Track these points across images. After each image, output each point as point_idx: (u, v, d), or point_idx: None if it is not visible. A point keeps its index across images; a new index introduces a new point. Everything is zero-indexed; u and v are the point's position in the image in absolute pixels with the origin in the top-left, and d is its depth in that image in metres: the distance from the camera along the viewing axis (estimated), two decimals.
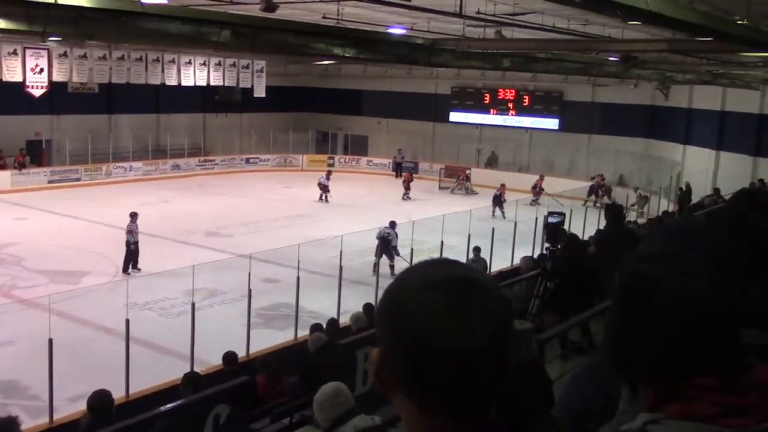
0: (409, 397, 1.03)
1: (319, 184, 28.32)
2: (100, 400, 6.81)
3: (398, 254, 16.97)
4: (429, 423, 1.03)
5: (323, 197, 28.10)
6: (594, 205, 26.45)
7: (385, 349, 1.05)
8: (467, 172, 32.55)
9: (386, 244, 17.21)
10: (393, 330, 1.03)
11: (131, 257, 16.98)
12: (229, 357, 9.35)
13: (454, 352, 0.98)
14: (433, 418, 1.02)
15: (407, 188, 29.84)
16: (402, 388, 1.04)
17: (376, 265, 16.89)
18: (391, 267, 16.71)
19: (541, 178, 30.05)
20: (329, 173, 29.39)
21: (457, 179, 32.45)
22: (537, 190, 29.13)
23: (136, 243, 17.09)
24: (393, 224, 17.77)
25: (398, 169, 35.30)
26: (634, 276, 1.24)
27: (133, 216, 17.40)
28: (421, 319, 0.99)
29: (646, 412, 1.14)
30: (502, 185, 26.68)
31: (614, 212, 9.65)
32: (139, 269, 16.88)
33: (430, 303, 1.00)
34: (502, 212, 24.71)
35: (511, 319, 1.05)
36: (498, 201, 25.55)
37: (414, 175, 33.94)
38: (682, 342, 1.13)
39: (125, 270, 16.79)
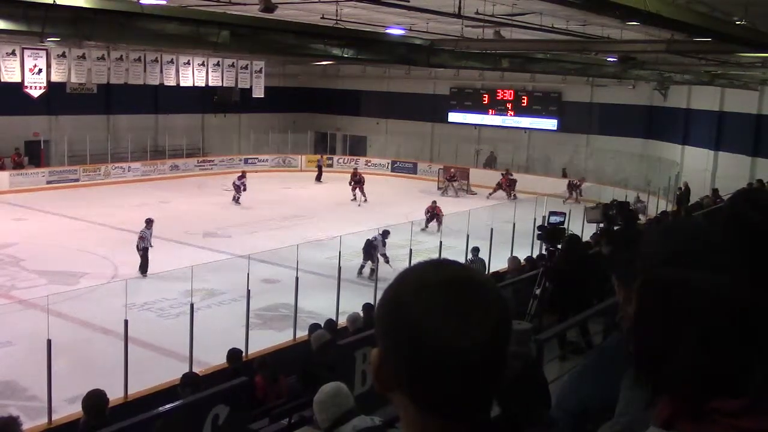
0: (408, 396, 1.03)
1: (234, 184, 26.87)
2: (93, 399, 6.81)
3: (387, 262, 16.70)
4: (428, 422, 1.03)
5: (236, 198, 26.69)
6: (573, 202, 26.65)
7: (384, 349, 1.05)
8: (452, 171, 32.19)
9: (372, 249, 16.93)
10: (392, 330, 1.03)
11: (145, 262, 16.67)
12: (234, 354, 9.32)
13: (453, 352, 0.98)
14: (431, 418, 1.03)
15: (360, 190, 28.20)
16: (401, 387, 1.04)
17: (362, 267, 16.89)
18: (372, 270, 16.41)
19: (504, 175, 30.35)
20: (243, 173, 27.77)
21: (445, 180, 32.03)
22: (497, 187, 29.44)
23: (145, 249, 16.75)
24: (386, 233, 17.25)
25: (319, 171, 33.88)
26: (660, 281, 1.20)
27: (148, 222, 17.06)
28: (419, 318, 1.00)
29: (657, 427, 1.13)
30: (434, 202, 23.27)
31: (627, 212, 9.65)
32: (144, 276, 16.49)
33: (429, 303, 1.00)
34: (438, 227, 21.65)
35: (509, 319, 1.06)
36: (435, 217, 22.38)
37: (412, 175, 34.01)
38: (726, 347, 1.10)
39: (144, 274, 16.49)
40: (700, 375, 1.11)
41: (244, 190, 26.87)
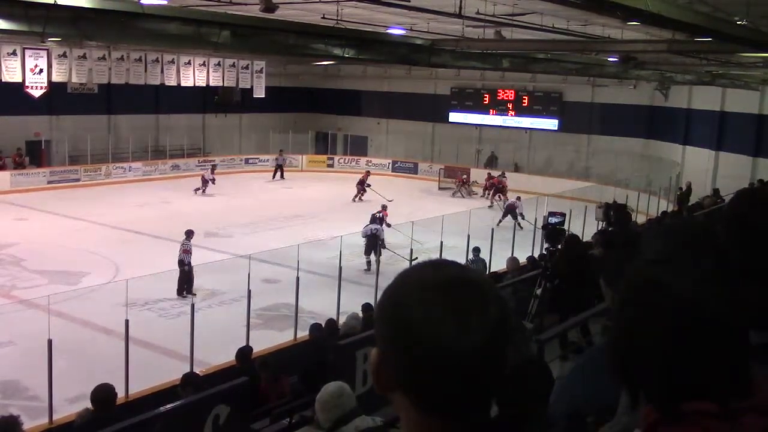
0: (408, 397, 1.04)
1: (203, 178, 28.59)
2: (103, 393, 6.82)
3: (384, 247, 17.31)
4: (427, 423, 1.04)
5: (201, 190, 28.34)
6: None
7: (384, 349, 1.05)
8: (463, 176, 32.28)
9: (375, 241, 17.58)
10: (391, 331, 1.03)
11: (186, 279, 15.23)
12: (244, 355, 9.18)
13: (452, 353, 0.98)
14: (431, 418, 1.03)
15: (363, 191, 28.20)
16: (401, 388, 1.04)
17: (370, 263, 17.21)
18: (377, 263, 16.81)
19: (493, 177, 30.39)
20: (213, 167, 29.80)
21: (456, 183, 32.08)
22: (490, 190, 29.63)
23: (190, 264, 15.32)
24: (374, 218, 18.38)
25: (279, 170, 33.96)
26: (640, 280, 1.19)
27: (190, 234, 15.83)
28: (418, 320, 1.00)
29: None
30: (384, 207, 21.16)
31: (621, 213, 9.66)
32: (195, 294, 14.95)
33: (428, 304, 1.00)
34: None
35: (509, 319, 1.05)
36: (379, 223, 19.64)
37: (413, 175, 34.05)
38: (691, 351, 1.09)
39: (180, 293, 15.11)
40: (666, 377, 1.10)
41: (213, 183, 28.31)
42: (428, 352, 0.99)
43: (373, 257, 17.30)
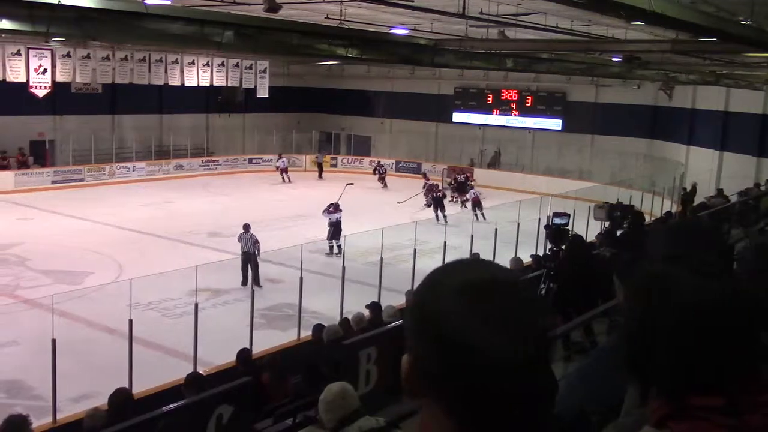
0: (439, 405, 0.99)
1: (278, 169, 32.42)
2: (119, 397, 6.84)
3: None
4: (459, 430, 0.98)
5: (284, 179, 32.21)
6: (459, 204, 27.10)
7: (418, 355, 1.00)
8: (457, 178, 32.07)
9: (339, 226, 18.94)
10: (428, 338, 0.97)
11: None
12: (245, 358, 9.11)
13: (492, 364, 0.92)
14: (463, 426, 0.98)
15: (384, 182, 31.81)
16: (433, 395, 0.99)
17: (332, 248, 18.53)
18: (339, 246, 17.99)
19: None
20: (280, 155, 33.48)
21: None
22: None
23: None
24: (336, 206, 19.84)
25: (319, 168, 35.82)
26: (651, 277, 1.20)
27: (248, 227, 16.31)
28: (458, 329, 0.94)
29: (651, 427, 1.12)
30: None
31: (634, 213, 9.63)
32: (261, 286, 15.38)
33: (468, 312, 0.94)
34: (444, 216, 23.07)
35: (549, 327, 0.99)
36: (440, 203, 23.94)
37: (416, 175, 33.97)
38: (700, 345, 1.10)
39: (258, 283, 15.31)
40: (677, 371, 1.11)
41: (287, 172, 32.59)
42: (464, 360, 0.93)
43: (335, 242, 18.72)
